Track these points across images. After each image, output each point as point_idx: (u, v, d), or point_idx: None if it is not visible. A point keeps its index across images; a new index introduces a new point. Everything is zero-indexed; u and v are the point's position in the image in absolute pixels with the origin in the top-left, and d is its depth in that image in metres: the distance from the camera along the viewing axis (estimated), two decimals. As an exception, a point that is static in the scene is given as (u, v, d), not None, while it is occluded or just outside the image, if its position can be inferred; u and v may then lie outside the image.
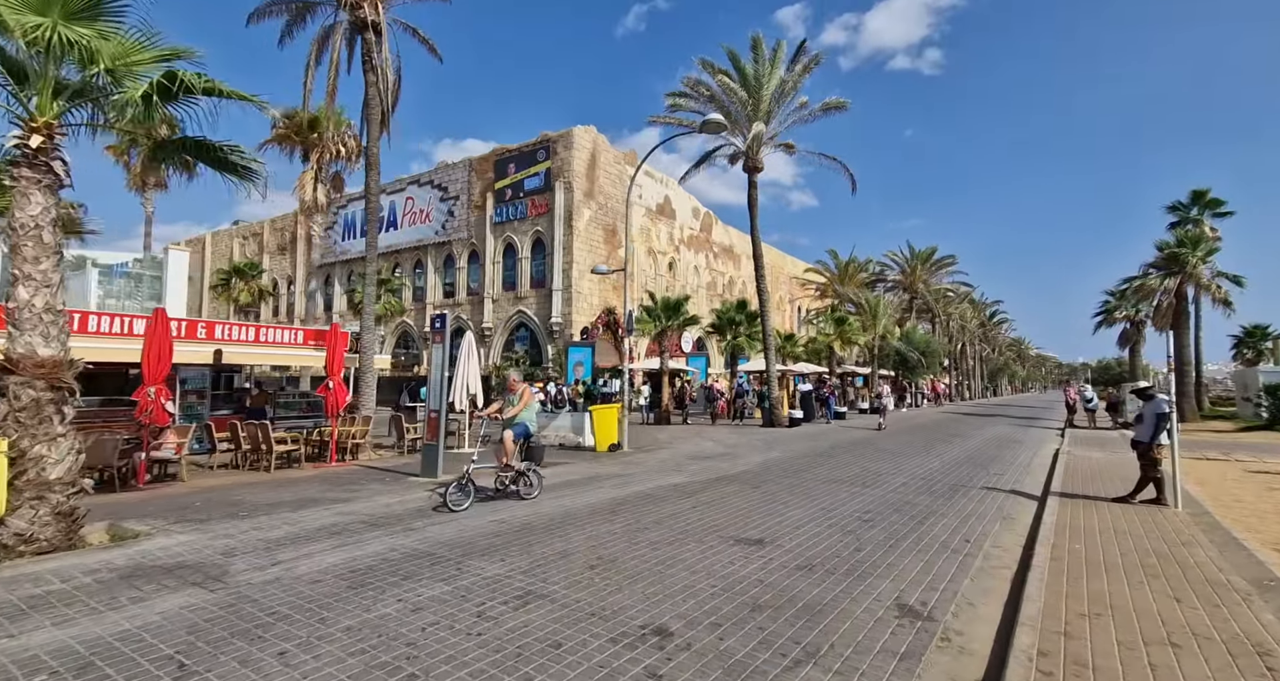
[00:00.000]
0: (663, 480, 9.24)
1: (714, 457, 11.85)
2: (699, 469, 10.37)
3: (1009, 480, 10.03)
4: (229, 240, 48.91)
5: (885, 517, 6.97)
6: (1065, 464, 11.94)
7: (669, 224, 39.19)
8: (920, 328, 46.93)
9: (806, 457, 12.13)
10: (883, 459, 12.28)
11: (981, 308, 62.78)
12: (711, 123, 11.69)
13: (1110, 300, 39.05)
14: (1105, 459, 12.55)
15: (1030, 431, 20.67)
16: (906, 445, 15.02)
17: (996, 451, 14.20)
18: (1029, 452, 14.23)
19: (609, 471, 10.10)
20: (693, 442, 14.81)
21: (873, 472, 10.33)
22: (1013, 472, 10.96)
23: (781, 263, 55.25)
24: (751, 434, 17.57)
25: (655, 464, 10.95)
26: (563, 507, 7.36)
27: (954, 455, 13.17)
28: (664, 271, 38.45)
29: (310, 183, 17.95)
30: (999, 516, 7.23)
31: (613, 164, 34.18)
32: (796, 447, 13.92)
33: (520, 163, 32.91)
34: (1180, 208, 30.95)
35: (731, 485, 8.84)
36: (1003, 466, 11.71)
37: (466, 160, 35.07)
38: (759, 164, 20.08)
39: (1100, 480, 9.78)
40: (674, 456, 11.90)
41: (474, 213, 34.58)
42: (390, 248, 38.06)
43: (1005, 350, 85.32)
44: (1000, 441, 16.69)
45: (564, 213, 31.29)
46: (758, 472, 10.10)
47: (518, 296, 32.83)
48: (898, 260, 41.89)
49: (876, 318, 29.39)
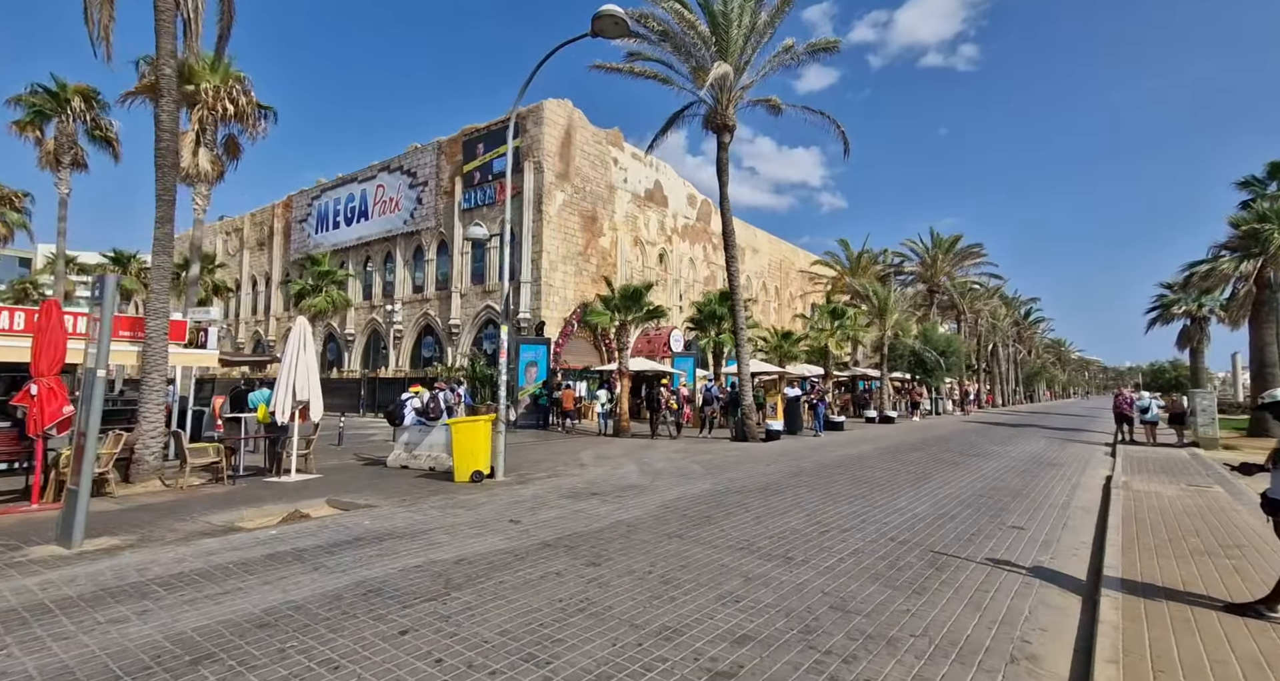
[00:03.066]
0: (475, 544, 5.83)
1: (608, 494, 8.42)
2: (558, 517, 6.93)
3: (1033, 542, 6.36)
4: (212, 236, 47.34)
5: (773, 655, 3.49)
6: (1123, 505, 8.17)
7: (660, 212, 35.76)
8: (945, 326, 42.41)
9: (740, 494, 8.59)
10: (851, 496, 8.67)
11: (1015, 305, 57.52)
12: (606, 18, 8.21)
13: (1167, 294, 34.18)
14: (1181, 497, 8.70)
15: (1069, 448, 16.61)
16: (898, 471, 11.32)
17: (1021, 481, 10.41)
18: (1068, 484, 10.40)
19: (416, 522, 6.58)
20: (611, 466, 11.33)
21: (819, 525, 6.77)
22: (1041, 523, 7.26)
23: (794, 257, 51.21)
24: (707, 452, 14.05)
25: (502, 506, 7.39)
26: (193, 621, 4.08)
27: (958, 488, 9.46)
28: (653, 264, 35.02)
29: (189, 146, 15.13)
30: (1005, 651, 3.68)
31: (591, 143, 30.95)
32: (743, 476, 10.36)
33: (489, 142, 29.95)
34: (1255, 183, 26.13)
35: (561, 559, 5.33)
36: (1028, 510, 7.99)
37: (435, 142, 32.29)
38: (729, 120, 16.55)
39: (1185, 544, 6.06)
40: (551, 491, 8.43)
41: (442, 199, 31.76)
42: (361, 239, 35.61)
43: (1043, 352, 79.20)
44: (1029, 464, 12.82)
45: (534, 196, 28.16)
46: (637, 526, 6.63)
47: (485, 290, 29.82)
48: (917, 250, 37.51)
49: (886, 312, 25.42)
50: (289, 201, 41.10)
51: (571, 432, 19.19)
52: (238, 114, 15.28)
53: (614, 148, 32.31)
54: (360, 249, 35.83)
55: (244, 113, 15.30)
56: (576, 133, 30.01)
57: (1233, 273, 20.44)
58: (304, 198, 39.39)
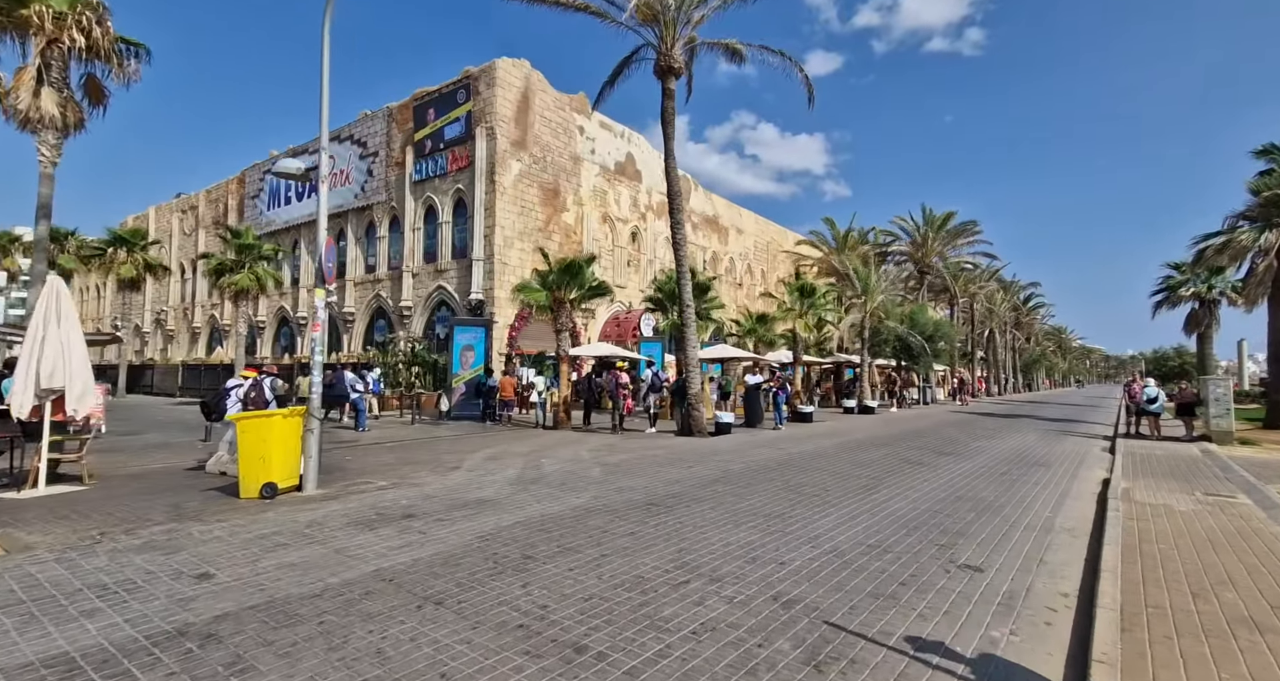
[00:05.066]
0: (72, 630, 3.77)
1: (432, 515, 6.29)
2: (294, 564, 4.46)
3: (988, 599, 4.26)
4: (169, 214, 45.08)
5: None
6: (1122, 528, 6.10)
7: (632, 187, 33.39)
8: (938, 310, 40.19)
9: (613, 514, 6.49)
10: (765, 515, 6.58)
11: (1014, 289, 55.16)
12: None
13: (1174, 275, 31.90)
14: (1200, 514, 6.62)
15: (1063, 444, 14.55)
16: (847, 475, 9.24)
17: (996, 490, 8.32)
18: (1054, 492, 8.32)
19: (56, 578, 4.38)
20: (490, 469, 9.16)
21: (684, 569, 4.67)
22: (1008, 559, 5.17)
23: (782, 239, 48.81)
24: (631, 450, 11.98)
25: (240, 544, 4.96)
26: None
27: (910, 502, 7.37)
28: (625, 242, 32.75)
29: (29, 85, 12.80)
30: None
31: (553, 109, 28.52)
32: (643, 484, 8.25)
33: (440, 107, 27.54)
34: (1275, 150, 23.80)
35: (169, 662, 3.29)
36: (994, 535, 5.90)
37: (385, 109, 29.87)
38: (674, 62, 14.26)
39: (1216, 602, 3.97)
40: (351, 513, 5.86)
41: (393, 171, 29.44)
42: (312, 216, 33.22)
43: (1042, 339, 76.99)
44: (1011, 464, 10.74)
45: (485, 165, 25.83)
46: (398, 578, 4.48)
47: (438, 269, 27.62)
48: (907, 228, 35.09)
49: (869, 291, 23.20)
50: (243, 176, 38.74)
51: (504, 424, 17.14)
52: (92, 48, 12.95)
53: (579, 115, 29.89)
54: (312, 226, 33.49)
55: (100, 47, 12.99)
56: (536, 97, 27.58)
57: (1251, 245, 18.19)
58: (256, 171, 37.04)
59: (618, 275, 32.10)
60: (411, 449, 11.44)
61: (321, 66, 6.52)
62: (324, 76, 6.50)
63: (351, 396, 14.97)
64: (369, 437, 13.91)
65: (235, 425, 6.64)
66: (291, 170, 6.92)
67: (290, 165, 6.94)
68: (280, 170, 6.92)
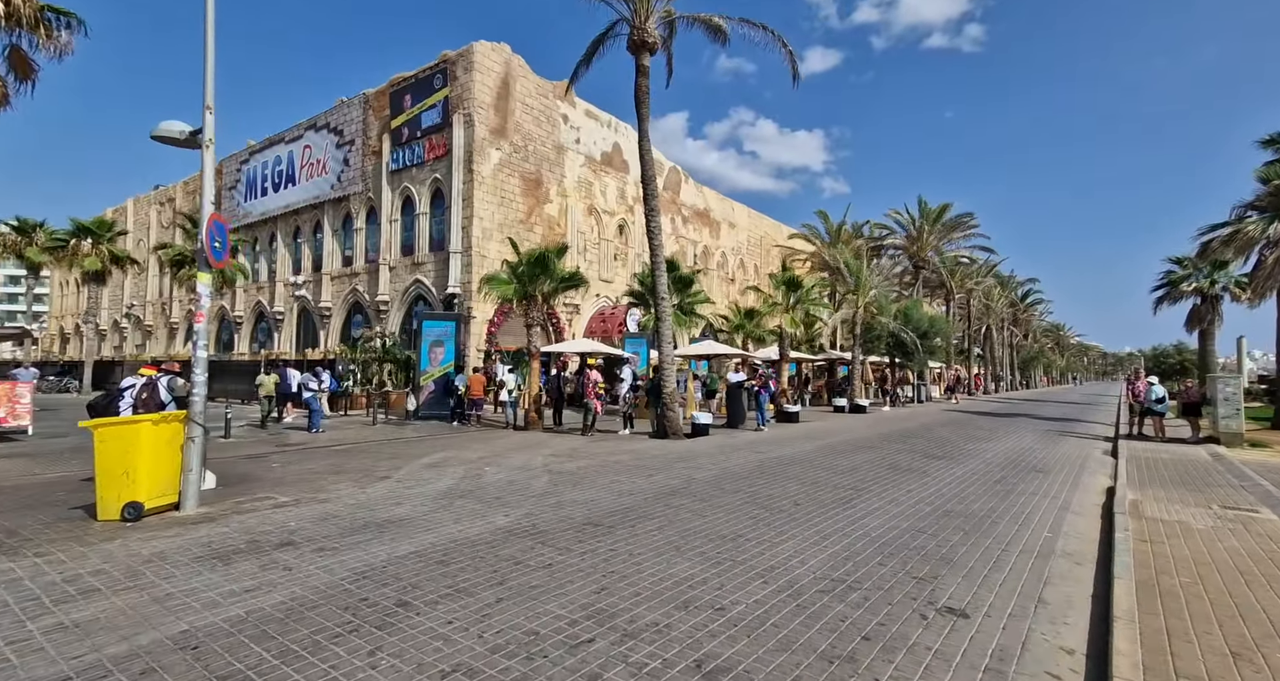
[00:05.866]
0: None
1: (323, 540, 5.27)
2: (80, 623, 3.84)
3: (972, 662, 3.34)
4: (147, 207, 43.95)
5: None
6: (1132, 550, 5.20)
7: (619, 178, 32.38)
8: (934, 306, 39.31)
9: (537, 538, 5.56)
10: (718, 538, 5.67)
11: (1012, 285, 54.29)
12: None
13: (1175, 270, 31.03)
14: (1220, 534, 5.71)
15: (1062, 445, 13.68)
16: (823, 484, 8.33)
17: (989, 501, 7.41)
18: (1054, 504, 7.42)
19: None
20: (425, 479, 8.22)
21: (595, 620, 3.74)
22: (1000, 598, 4.25)
23: (776, 233, 47.81)
24: (593, 455, 11.08)
25: (59, 580, 4.11)
26: None
27: (890, 517, 6.46)
28: (611, 235, 31.77)
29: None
30: None
31: (535, 96, 27.47)
32: (589, 498, 7.31)
33: (417, 93, 26.47)
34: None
35: None
36: (983, 563, 4.99)
37: (361, 95, 28.78)
38: (647, 36, 13.28)
39: (1262, 663, 3.05)
40: (214, 541, 4.71)
41: (370, 160, 28.38)
42: (289, 207, 32.21)
43: (1040, 336, 76.24)
44: (1007, 469, 9.85)
45: (463, 154, 24.79)
46: (202, 642, 3.65)
47: (415, 262, 26.60)
48: (902, 221, 34.12)
49: (860, 286, 22.28)
50: (220, 167, 37.62)
51: (473, 424, 16.21)
52: (13, 16, 11.92)
53: (563, 103, 28.85)
54: (289, 217, 32.49)
55: (23, 14, 11.96)
56: (517, 83, 26.54)
57: (1260, 236, 17.29)
58: (233, 162, 35.94)
59: (604, 269, 31.15)
60: (354, 454, 10.51)
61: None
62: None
63: (304, 396, 14.03)
64: (322, 439, 12.98)
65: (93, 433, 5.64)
66: (174, 133, 5.95)
67: (173, 127, 5.97)
68: (162, 133, 5.95)
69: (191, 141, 6.00)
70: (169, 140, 6.07)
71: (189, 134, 6.02)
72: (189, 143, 6.03)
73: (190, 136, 6.01)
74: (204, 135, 5.75)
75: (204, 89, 5.60)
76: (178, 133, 6.03)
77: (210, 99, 5.66)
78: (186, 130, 6.04)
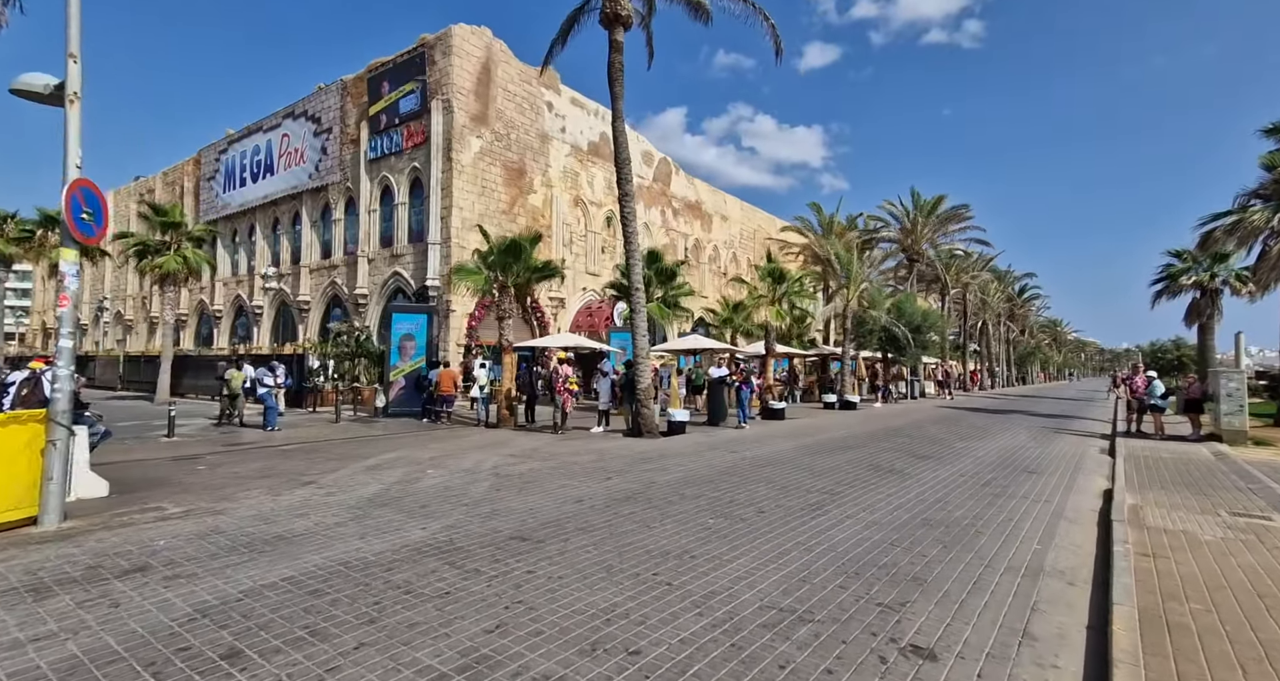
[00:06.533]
0: None
1: (183, 565, 4.58)
2: None
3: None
4: (128, 199, 42.98)
5: None
6: (1134, 568, 4.51)
7: (606, 168, 31.43)
8: (929, 301, 38.65)
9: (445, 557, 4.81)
10: (660, 556, 4.98)
11: (1008, 280, 53.62)
12: None
13: (1174, 263, 30.32)
14: (1232, 548, 5.01)
15: (1056, 443, 13.02)
16: (794, 488, 7.64)
17: (973, 508, 6.72)
18: (1045, 511, 6.73)
19: None
20: (359, 481, 7.53)
21: (478, 669, 3.06)
22: (976, 635, 3.54)
23: (770, 226, 47.03)
24: (555, 455, 10.37)
25: None
26: None
27: (861, 528, 5.77)
28: (599, 227, 30.98)
29: None
30: None
31: (518, 82, 26.60)
32: (528, 507, 6.62)
33: (395, 79, 25.60)
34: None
35: None
36: (960, 585, 4.29)
37: (339, 82, 27.87)
38: (621, 9, 12.50)
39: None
40: (101, 554, 4.42)
41: (348, 148, 27.51)
42: (268, 197, 31.36)
43: (1037, 332, 75.68)
44: (996, 471, 9.17)
45: (442, 141, 23.96)
46: None
47: (394, 254, 25.80)
48: (896, 213, 33.36)
49: (851, 278, 21.56)
50: (199, 157, 36.71)
51: (444, 421, 15.49)
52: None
53: (548, 90, 27.99)
54: (268, 208, 31.62)
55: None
56: (498, 68, 25.68)
57: (1264, 225, 16.60)
58: (212, 152, 35.06)
59: (591, 262, 30.38)
60: (296, 456, 9.78)
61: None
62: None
63: (259, 392, 13.29)
64: (277, 439, 12.26)
65: None
66: (37, 87, 5.16)
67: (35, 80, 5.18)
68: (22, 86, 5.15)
69: (56, 97, 5.24)
70: (31, 95, 5.31)
71: (53, 88, 5.25)
72: (53, 99, 5.28)
73: (54, 90, 5.25)
74: (68, 88, 5.00)
75: (66, 33, 4.84)
76: (41, 86, 5.26)
77: (75, 46, 4.90)
78: (51, 83, 5.26)
